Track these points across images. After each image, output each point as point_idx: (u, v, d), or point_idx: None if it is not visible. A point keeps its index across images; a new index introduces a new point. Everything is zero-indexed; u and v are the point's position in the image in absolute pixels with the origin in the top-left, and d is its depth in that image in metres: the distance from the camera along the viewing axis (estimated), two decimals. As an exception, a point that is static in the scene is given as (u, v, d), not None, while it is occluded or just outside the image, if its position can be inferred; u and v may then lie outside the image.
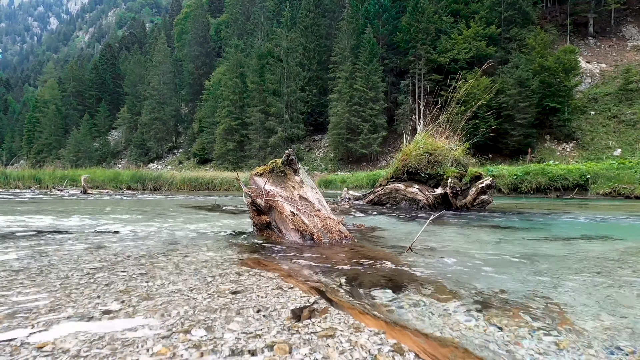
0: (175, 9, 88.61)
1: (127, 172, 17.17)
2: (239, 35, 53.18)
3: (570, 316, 1.16)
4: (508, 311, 1.19)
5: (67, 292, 1.30)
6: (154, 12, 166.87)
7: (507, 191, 12.25)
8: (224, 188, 17.17)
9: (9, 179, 14.36)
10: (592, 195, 11.05)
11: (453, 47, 31.49)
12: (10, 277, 1.50)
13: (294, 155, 2.83)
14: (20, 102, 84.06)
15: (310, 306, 1.19)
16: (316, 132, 40.76)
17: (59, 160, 48.39)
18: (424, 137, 5.81)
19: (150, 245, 2.35)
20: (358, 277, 1.59)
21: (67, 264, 1.76)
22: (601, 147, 25.66)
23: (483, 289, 1.43)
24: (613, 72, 31.00)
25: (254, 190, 2.75)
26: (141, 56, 61.50)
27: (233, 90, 40.98)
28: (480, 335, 1.02)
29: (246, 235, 2.84)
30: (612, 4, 33.22)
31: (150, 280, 1.47)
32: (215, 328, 1.00)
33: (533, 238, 2.91)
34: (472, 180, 5.47)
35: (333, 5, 45.90)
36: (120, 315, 1.08)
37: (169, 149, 51.94)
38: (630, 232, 3.56)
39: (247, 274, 1.61)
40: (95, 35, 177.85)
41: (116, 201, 7.71)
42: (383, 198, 6.15)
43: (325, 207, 2.74)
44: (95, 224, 3.45)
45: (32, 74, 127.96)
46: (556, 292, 1.41)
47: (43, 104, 59.02)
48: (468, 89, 6.18)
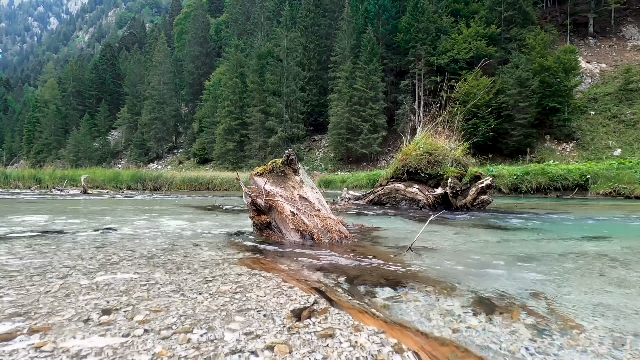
0: (175, 9, 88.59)
1: (127, 172, 17.16)
2: (239, 35, 53.21)
3: (571, 316, 1.16)
4: (508, 311, 1.19)
5: (67, 292, 1.30)
6: (154, 12, 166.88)
7: (507, 191, 12.25)
8: (224, 188, 17.17)
9: (9, 179, 14.36)
10: (592, 195, 11.05)
11: (453, 47, 31.49)
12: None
13: (294, 155, 2.83)
14: (20, 102, 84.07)
15: (310, 306, 1.19)
16: (316, 132, 40.77)
17: (59, 160, 48.41)
18: (423, 137, 5.81)
19: (150, 245, 2.35)
20: (358, 276, 1.59)
21: (67, 264, 1.76)
22: (601, 147, 25.66)
23: (483, 288, 1.43)
24: (613, 72, 31.00)
25: (254, 190, 2.75)
26: (141, 56, 61.53)
27: (233, 90, 40.99)
28: (480, 334, 1.02)
29: (246, 235, 2.84)
30: (612, 4, 33.22)
31: (150, 280, 1.47)
32: (216, 328, 1.00)
33: (533, 238, 2.92)
34: (472, 180, 5.47)
35: (333, 5, 45.90)
36: (120, 315, 1.08)
37: (169, 149, 51.94)
38: (630, 232, 3.56)
39: (247, 273, 1.61)
40: (95, 35, 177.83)
41: (116, 201, 7.71)
42: (383, 198, 6.15)
43: (325, 207, 2.74)
44: (95, 224, 3.45)
45: (32, 74, 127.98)
46: (556, 292, 1.41)
47: (43, 104, 59.04)
48: (467, 88, 6.18)
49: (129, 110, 55.30)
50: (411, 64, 34.29)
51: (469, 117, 5.81)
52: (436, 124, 5.87)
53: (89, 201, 7.51)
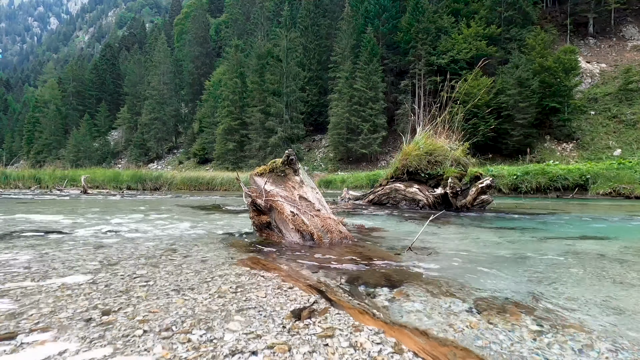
0: (175, 9, 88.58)
1: (127, 172, 17.17)
2: (239, 35, 53.18)
3: (571, 316, 1.16)
4: (508, 311, 1.19)
5: (66, 292, 1.30)
6: (154, 12, 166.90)
7: (507, 191, 12.24)
8: (224, 188, 17.17)
9: (9, 179, 14.36)
10: (592, 195, 11.04)
11: (453, 47, 31.49)
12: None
13: (294, 155, 2.83)
14: (20, 102, 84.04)
15: (310, 306, 1.19)
16: (316, 132, 40.76)
17: (59, 160, 48.38)
18: (423, 137, 5.81)
19: (151, 245, 2.35)
20: (358, 277, 1.59)
21: (66, 264, 1.75)
22: (601, 147, 25.66)
23: (483, 288, 1.43)
24: (613, 72, 30.99)
25: (254, 190, 2.75)
26: (141, 56, 61.53)
27: (233, 90, 40.98)
28: (480, 334, 1.02)
29: (246, 235, 2.84)
30: (612, 4, 33.22)
31: (150, 280, 1.47)
32: (216, 328, 1.00)
33: (533, 238, 2.91)
34: (472, 180, 5.47)
35: (333, 5, 45.90)
36: (120, 315, 1.08)
37: (169, 149, 51.94)
38: (630, 233, 3.56)
39: (247, 274, 1.60)
40: (95, 35, 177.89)
41: (116, 201, 7.71)
42: (383, 198, 6.15)
43: (325, 207, 2.74)
44: (95, 224, 3.45)
45: (32, 74, 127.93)
46: (556, 292, 1.40)
47: (43, 104, 59.02)
48: (467, 88, 6.18)
49: (129, 110, 55.30)
50: (411, 64, 34.27)
51: (469, 117, 5.78)
52: (436, 124, 5.87)
53: (89, 201, 7.51)
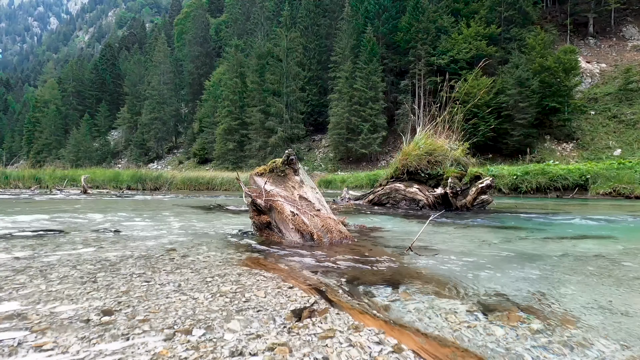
0: (175, 9, 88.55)
1: (127, 172, 17.16)
2: (239, 35, 53.19)
3: (572, 316, 1.16)
4: (508, 311, 1.19)
5: (67, 292, 1.30)
6: (154, 12, 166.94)
7: (507, 191, 12.24)
8: (224, 188, 17.17)
9: (9, 179, 14.36)
10: (592, 195, 11.04)
11: (453, 47, 31.49)
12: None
13: (294, 155, 2.83)
14: (20, 102, 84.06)
15: (310, 306, 1.19)
16: (316, 132, 40.76)
17: (59, 160, 48.36)
18: (423, 137, 5.81)
19: (150, 245, 2.35)
20: (358, 277, 1.59)
21: (66, 264, 1.75)
22: (601, 147, 25.66)
23: (483, 288, 1.43)
24: (613, 72, 31.00)
25: (254, 190, 2.75)
26: (141, 56, 61.58)
27: (233, 90, 41.00)
28: (480, 334, 1.02)
29: (246, 235, 2.84)
30: (612, 4, 33.22)
31: (150, 280, 1.47)
32: (216, 328, 1.00)
33: (533, 238, 2.91)
34: (472, 180, 5.47)
35: (333, 5, 45.89)
36: (120, 315, 1.08)
37: (169, 149, 51.96)
38: (629, 233, 3.56)
39: (247, 274, 1.60)
40: (95, 35, 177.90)
41: (116, 201, 7.70)
42: (383, 198, 6.15)
43: (325, 207, 2.74)
44: (95, 224, 3.45)
45: (32, 74, 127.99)
46: (557, 292, 1.40)
47: (43, 104, 59.05)
48: (467, 88, 6.18)
49: (129, 110, 55.32)
50: (411, 64, 34.28)
51: (469, 117, 5.79)
52: (436, 124, 5.87)
53: (89, 201, 7.51)
